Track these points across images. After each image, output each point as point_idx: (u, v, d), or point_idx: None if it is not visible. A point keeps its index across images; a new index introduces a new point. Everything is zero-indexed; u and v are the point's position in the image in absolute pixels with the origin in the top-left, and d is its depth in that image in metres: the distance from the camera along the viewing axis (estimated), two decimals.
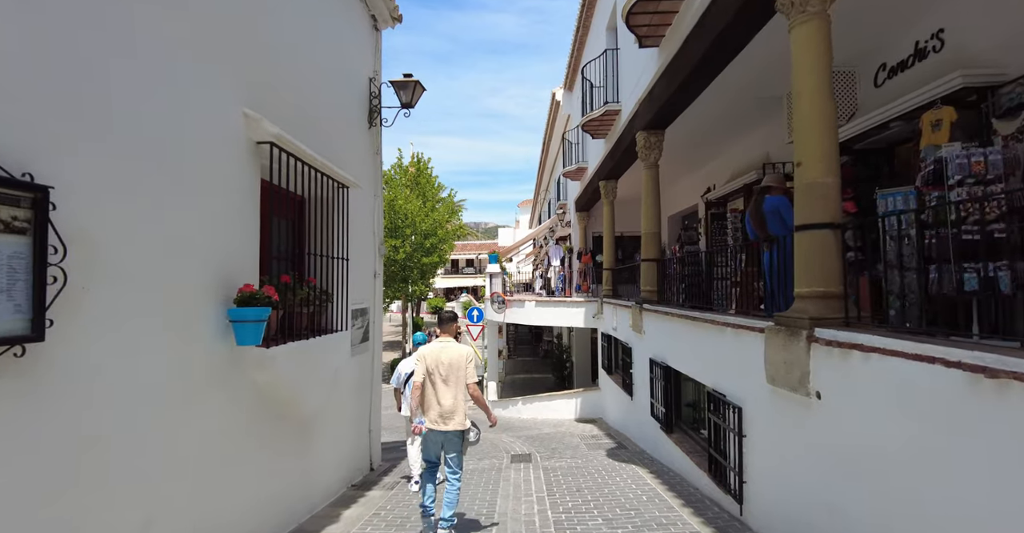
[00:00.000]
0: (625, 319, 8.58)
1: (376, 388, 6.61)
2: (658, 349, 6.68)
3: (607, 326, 10.36)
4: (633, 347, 8.00)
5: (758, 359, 3.78)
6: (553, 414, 11.69)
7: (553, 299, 12.00)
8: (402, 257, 20.17)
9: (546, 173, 23.55)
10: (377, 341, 6.66)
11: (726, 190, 9.47)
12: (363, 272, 6.22)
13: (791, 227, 4.03)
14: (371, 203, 6.53)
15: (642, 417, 7.45)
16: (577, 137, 13.28)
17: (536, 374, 19.97)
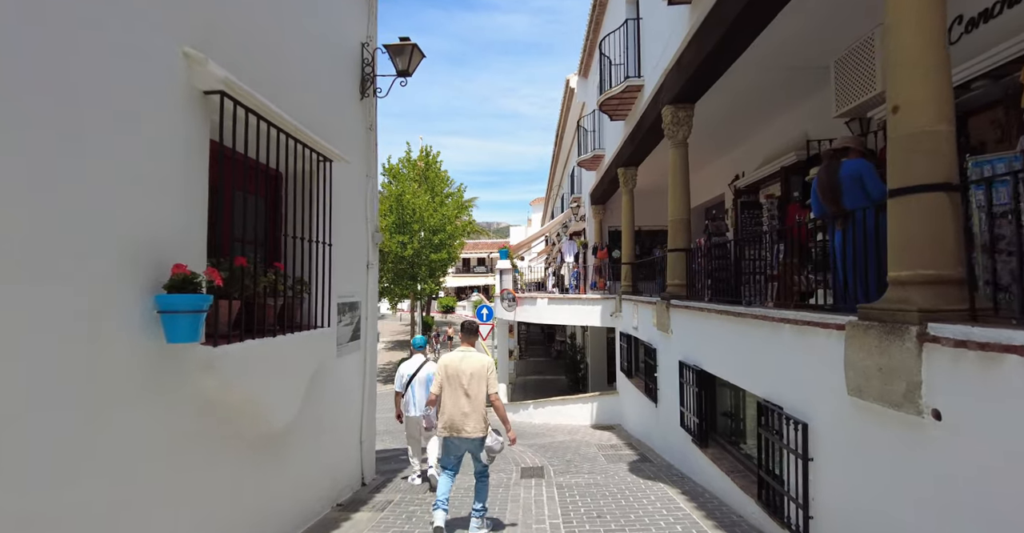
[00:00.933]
0: (648, 317, 7.75)
1: (370, 392, 5.88)
2: (689, 350, 5.86)
3: (626, 325, 9.54)
4: (658, 348, 7.18)
5: (832, 364, 2.96)
6: (567, 419, 10.89)
7: (567, 296, 11.23)
8: (410, 254, 19.50)
9: (559, 167, 22.74)
10: (371, 340, 5.93)
11: (758, 176, 8.63)
12: (353, 261, 5.50)
13: (876, 197, 3.21)
14: (363, 184, 5.80)
15: (669, 427, 6.63)
16: (593, 124, 12.47)
17: (548, 375, 19.19)
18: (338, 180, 4.97)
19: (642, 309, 8.24)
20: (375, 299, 6.15)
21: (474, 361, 4.07)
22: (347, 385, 5.27)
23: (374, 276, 6.09)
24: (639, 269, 10.04)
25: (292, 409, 3.86)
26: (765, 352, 4.00)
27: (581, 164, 12.88)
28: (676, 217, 6.80)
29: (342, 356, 5.09)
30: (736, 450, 5.10)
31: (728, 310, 4.58)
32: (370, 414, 5.93)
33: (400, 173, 20.57)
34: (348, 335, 5.30)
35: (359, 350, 5.59)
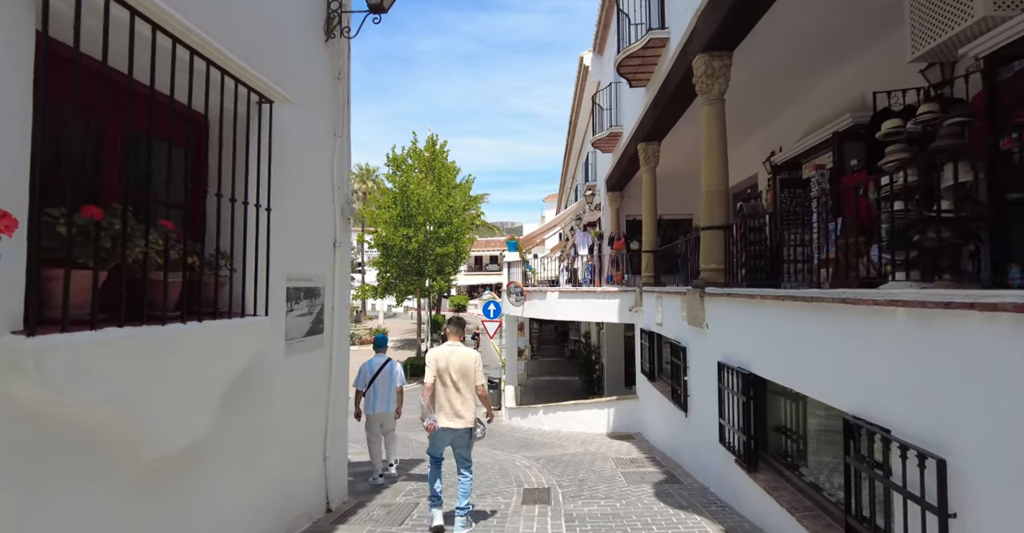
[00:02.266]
0: (675, 310, 6.60)
1: (338, 398, 4.84)
2: (732, 349, 4.70)
3: (648, 321, 8.38)
4: (688, 347, 6.03)
5: (1001, 368, 1.82)
6: (581, 427, 9.75)
7: (580, 289, 10.11)
8: (415, 247, 18.50)
9: (572, 157, 21.57)
10: (340, 334, 4.89)
11: (801, 148, 7.42)
12: (314, 238, 4.47)
13: None
14: (329, 145, 4.77)
15: (704, 442, 5.48)
16: (609, 100, 11.32)
17: (561, 377, 18.07)
18: (295, 137, 3.98)
19: (668, 302, 7.08)
20: (345, 286, 5.10)
21: (463, 355, 4.20)
22: (303, 389, 4.23)
23: (344, 258, 5.04)
24: (663, 258, 8.87)
25: (199, 424, 2.81)
26: (856, 349, 2.84)
27: (596, 144, 11.73)
28: (712, 188, 5.65)
29: (296, 354, 4.06)
30: (797, 477, 3.93)
31: (794, 295, 3.42)
32: (339, 423, 4.90)
33: (405, 163, 19.60)
34: (305, 328, 4.26)
35: (322, 347, 4.55)
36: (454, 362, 4.14)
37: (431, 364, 4.19)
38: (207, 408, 2.88)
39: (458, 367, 4.13)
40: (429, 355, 4.27)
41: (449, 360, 4.15)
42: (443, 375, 4.14)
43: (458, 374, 4.12)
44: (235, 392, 3.11)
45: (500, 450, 7.98)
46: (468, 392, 4.14)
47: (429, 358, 4.25)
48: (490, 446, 8.41)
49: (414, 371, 20.19)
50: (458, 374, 4.12)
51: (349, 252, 5.22)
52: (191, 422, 2.75)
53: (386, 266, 20.20)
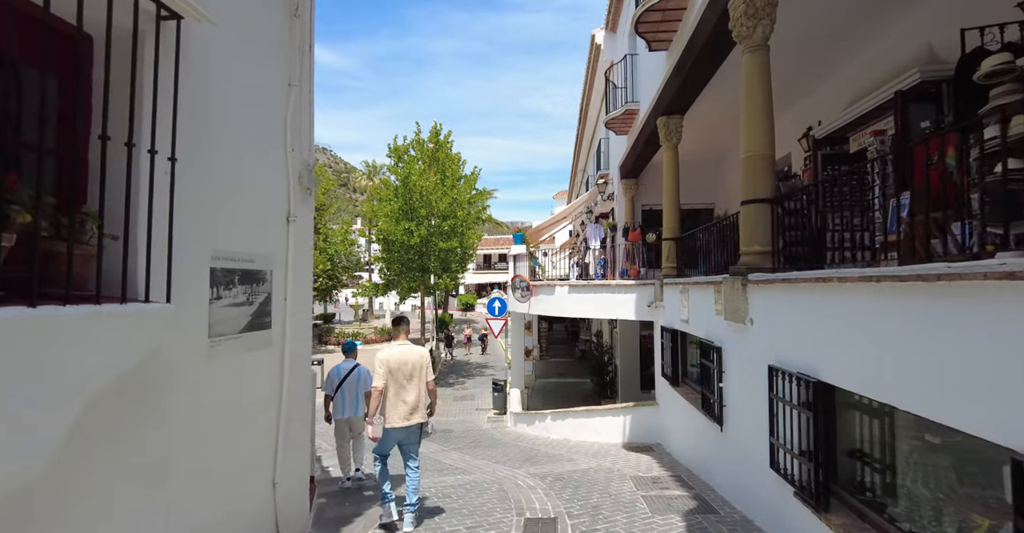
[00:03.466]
0: (705, 304, 5.60)
1: (295, 409, 3.92)
2: (789, 349, 3.69)
3: (671, 318, 7.37)
4: (724, 347, 5.01)
5: None
6: (593, 435, 8.76)
7: (592, 283, 9.12)
8: (417, 241, 17.58)
9: (583, 147, 20.56)
10: (296, 331, 3.96)
11: (851, 115, 6.41)
12: (256, 207, 3.54)
13: None
14: (282, 95, 3.84)
15: (746, 464, 4.47)
16: (624, 76, 10.31)
17: (571, 378, 17.08)
18: (228, 77, 3.09)
19: (697, 295, 6.07)
20: (306, 271, 4.17)
21: (413, 354, 4.27)
22: (239, 399, 3.30)
23: (303, 237, 4.12)
24: (687, 246, 7.84)
25: (33, 456, 1.89)
26: None
27: (610, 125, 10.72)
28: (754, 152, 4.64)
29: (227, 355, 3.13)
30: (889, 523, 2.92)
31: (919, 273, 2.40)
32: (297, 439, 3.97)
33: (407, 154, 18.69)
34: (242, 321, 3.33)
35: (269, 345, 3.62)
36: (405, 361, 4.22)
37: (382, 366, 4.18)
38: (51, 433, 1.94)
39: (411, 366, 4.22)
40: (379, 357, 4.23)
41: (400, 360, 4.21)
42: (395, 374, 4.19)
43: (410, 372, 4.21)
44: (114, 406, 2.20)
45: (502, 463, 7.02)
46: (421, 389, 4.26)
47: (379, 360, 4.21)
48: (491, 458, 7.45)
49: None
50: (410, 372, 4.21)
51: (310, 231, 4.29)
52: (17, 456, 1.82)
53: (388, 262, 19.32)
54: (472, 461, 7.34)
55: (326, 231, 27.89)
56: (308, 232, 4.22)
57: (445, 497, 5.27)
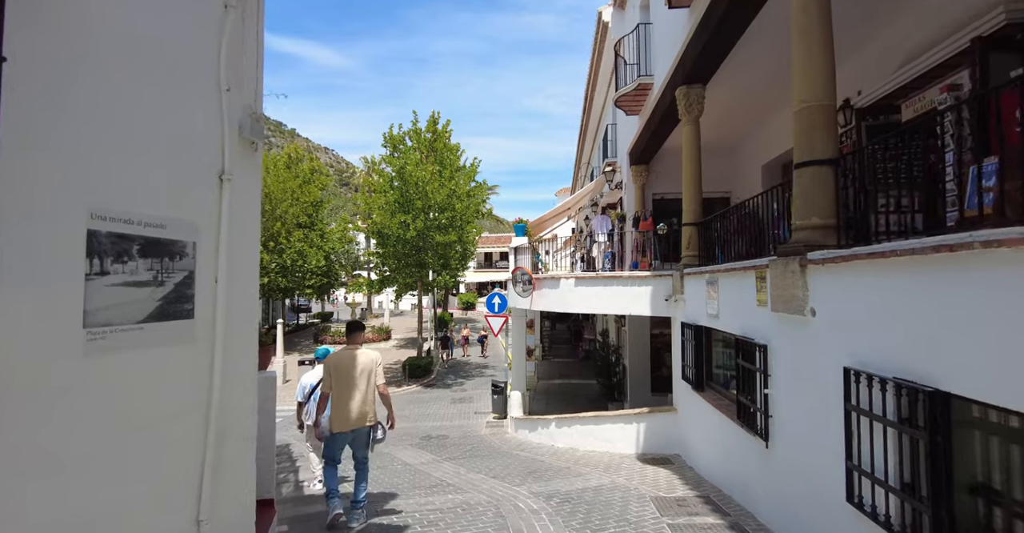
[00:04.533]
0: (742, 295, 4.71)
1: (232, 422, 3.02)
2: (879, 347, 2.78)
3: (694, 312, 6.47)
4: (772, 345, 4.11)
5: None
6: (603, 445, 7.87)
7: (601, 275, 8.23)
8: (413, 235, 16.69)
9: (588, 136, 19.67)
10: (240, 325, 3.06)
11: (906, 76, 5.57)
12: (170, 156, 2.65)
13: None
14: (215, 17, 2.95)
15: (803, 490, 3.57)
16: (636, 49, 9.41)
17: (575, 379, 16.20)
18: None
19: (729, 284, 5.18)
20: (250, 247, 3.28)
21: (362, 357, 4.27)
22: (133, 412, 2.41)
23: (248, 204, 3.22)
24: (710, 230, 6.94)
25: None
26: None
27: (620, 103, 9.82)
28: (811, 102, 3.76)
29: (115, 352, 2.24)
30: None
31: None
32: (232, 462, 3.08)
33: (403, 144, 17.80)
34: (146, 308, 2.44)
35: (191, 341, 2.73)
36: (352, 365, 4.20)
37: (330, 371, 4.19)
38: None
39: (359, 370, 4.20)
40: (327, 361, 4.26)
41: (346, 364, 4.20)
42: (345, 379, 4.17)
43: (360, 376, 4.20)
44: None
45: (501, 479, 6.13)
46: (369, 393, 4.24)
47: (327, 365, 4.23)
48: (488, 472, 6.57)
49: (412, 372, 18.45)
50: (360, 376, 4.20)
51: (256, 197, 3.40)
52: None
53: (382, 256, 18.44)
54: (466, 475, 6.45)
55: (322, 227, 27.02)
56: (253, 198, 3.33)
57: (430, 525, 4.39)
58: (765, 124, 9.28)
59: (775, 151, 9.18)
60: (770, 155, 9.41)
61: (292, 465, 8.03)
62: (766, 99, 8.03)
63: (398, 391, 17.00)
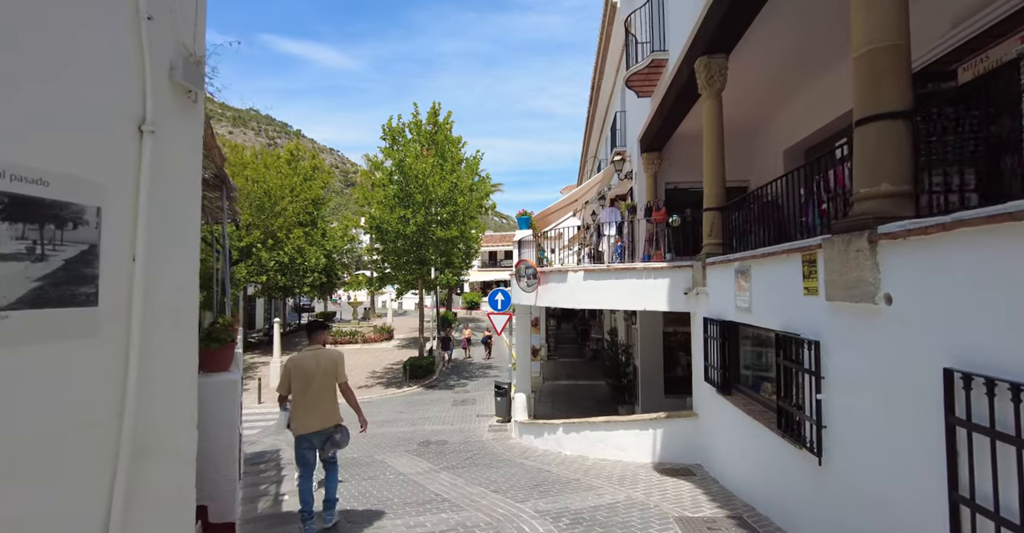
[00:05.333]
0: (783, 283, 4.02)
1: (155, 437, 2.37)
2: (1006, 342, 2.09)
3: (719, 306, 5.78)
4: (826, 341, 3.42)
5: None
6: (615, 453, 7.19)
7: (613, 267, 7.54)
8: (413, 230, 16.05)
9: (595, 127, 18.99)
10: (162, 315, 2.41)
11: (968, 33, 4.91)
12: (57, 93, 2.01)
13: None
14: None
15: (875, 521, 2.88)
16: (649, 22, 8.73)
17: (582, 380, 15.53)
18: None
19: (765, 272, 4.50)
20: (188, 223, 2.64)
21: (323, 358, 4.22)
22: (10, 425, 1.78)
23: (180, 165, 2.58)
24: (734, 215, 6.25)
25: None
26: None
27: (632, 82, 9.13)
28: (880, 42, 3.08)
29: None
30: None
31: None
32: (157, 487, 2.43)
33: (403, 136, 17.16)
34: (18, 289, 1.81)
35: (92, 333, 2.09)
36: (315, 366, 4.16)
37: (288, 372, 4.14)
38: None
39: (321, 371, 4.16)
40: (287, 362, 4.22)
41: (309, 365, 4.15)
42: (303, 381, 4.12)
43: (322, 376, 4.16)
44: None
45: (503, 493, 5.47)
46: (332, 393, 4.21)
47: (286, 366, 4.18)
48: (489, 484, 5.91)
49: (413, 373, 17.81)
50: (322, 376, 4.16)
51: (196, 161, 2.75)
52: None
53: (382, 252, 17.81)
54: (465, 488, 5.79)
55: (324, 225, 26.45)
56: (190, 159, 2.68)
57: None
58: (788, 104, 8.58)
59: (799, 134, 8.47)
60: (793, 139, 8.70)
61: (277, 474, 7.40)
62: (792, 74, 7.34)
63: (398, 392, 16.38)
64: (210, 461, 3.61)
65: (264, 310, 32.53)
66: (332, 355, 4.26)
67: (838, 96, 7.09)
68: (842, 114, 7.03)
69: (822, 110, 7.42)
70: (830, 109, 7.20)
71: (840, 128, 7.18)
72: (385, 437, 10.22)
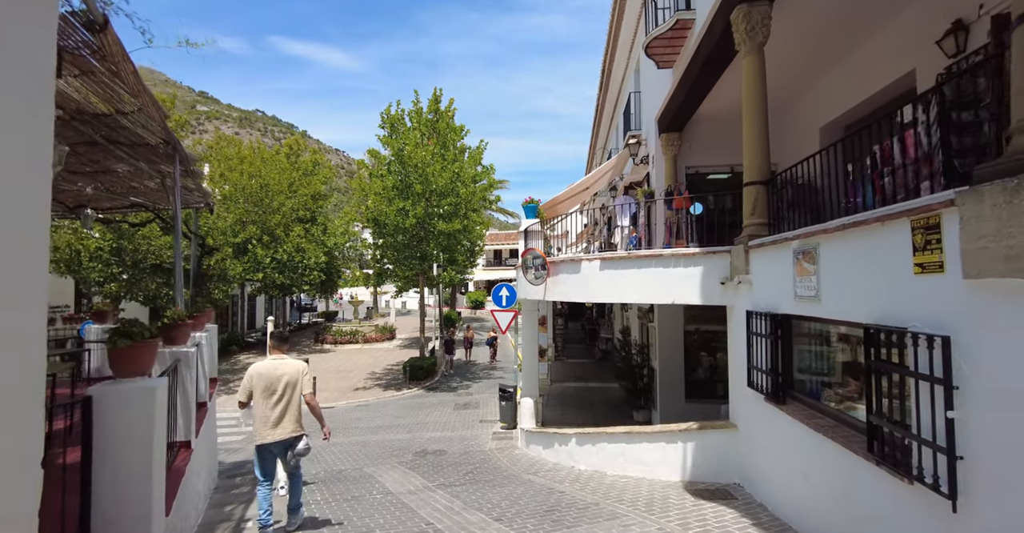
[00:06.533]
0: (881, 261, 3.05)
1: None
2: None
3: (769, 296, 4.80)
4: (962, 337, 2.43)
5: None
6: (637, 468, 6.22)
7: (636, 254, 6.53)
8: (412, 223, 15.12)
9: (605, 116, 18.00)
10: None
11: None
12: None
13: None
14: None
15: None
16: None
17: (593, 383, 14.56)
18: None
19: (845, 248, 3.52)
20: (34, 157, 1.69)
21: (288, 367, 4.24)
22: None
23: (22, 63, 1.61)
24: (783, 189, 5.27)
25: None
26: None
27: (652, 49, 8.16)
28: None
29: None
30: None
31: None
32: None
33: (402, 124, 16.24)
34: None
35: None
36: (279, 375, 4.14)
37: (250, 381, 4.15)
38: None
39: (285, 381, 4.14)
40: (249, 371, 4.20)
41: (273, 374, 4.14)
42: (266, 389, 4.11)
43: (283, 386, 4.13)
44: None
45: (508, 522, 4.53)
46: (295, 403, 4.18)
47: (248, 374, 4.18)
48: (491, 509, 4.97)
49: (413, 374, 16.89)
50: (283, 386, 4.13)
51: (48, 67, 1.81)
52: None
53: (381, 247, 16.91)
54: (462, 515, 4.85)
55: (325, 221, 25.59)
56: (40, 65, 1.75)
57: None
58: (828, 74, 7.57)
59: (841, 107, 7.46)
60: (833, 113, 7.68)
61: (252, 490, 6.48)
62: (836, 35, 6.36)
63: (397, 395, 15.46)
64: (113, 496, 2.71)
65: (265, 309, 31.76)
66: (297, 365, 4.25)
67: (882, 63, 6.13)
68: (896, 79, 6.05)
69: (869, 79, 6.43)
70: (880, 76, 6.21)
71: (898, 93, 6.19)
72: (378, 446, 9.30)
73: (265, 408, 4.09)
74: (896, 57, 6.02)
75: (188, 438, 4.54)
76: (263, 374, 4.13)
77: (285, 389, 4.12)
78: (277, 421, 4.09)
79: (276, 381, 4.11)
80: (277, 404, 4.10)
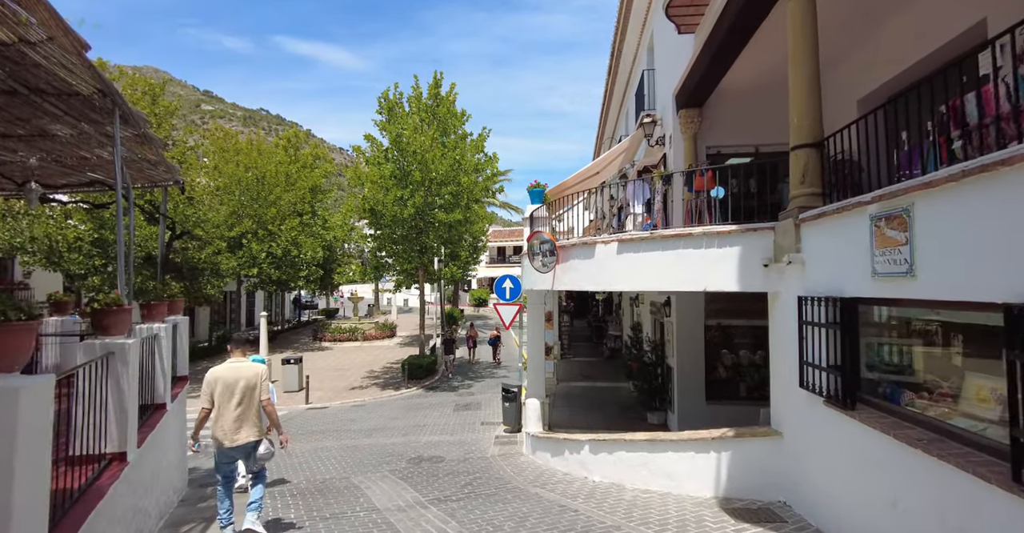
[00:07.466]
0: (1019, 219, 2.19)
1: None
2: None
3: (832, 277, 3.95)
4: None
5: None
6: (662, 482, 5.39)
7: (660, 234, 5.66)
8: (411, 213, 14.30)
9: (614, 102, 17.12)
10: None
11: None
12: None
13: None
14: None
15: None
16: None
17: (601, 382, 13.72)
18: None
19: (950, 206, 2.67)
20: None
21: (246, 370, 4.18)
22: None
23: None
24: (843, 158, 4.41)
25: None
26: None
27: (673, 10, 7.31)
28: None
29: None
30: None
31: None
32: None
33: (400, 108, 15.40)
34: None
35: None
36: (238, 379, 4.10)
37: (209, 385, 4.09)
38: None
39: (243, 384, 4.09)
40: (208, 375, 4.12)
41: (231, 378, 4.09)
42: (225, 394, 4.06)
43: (243, 390, 4.08)
44: None
45: None
46: (252, 407, 4.13)
47: (207, 379, 4.11)
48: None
49: (412, 373, 16.08)
50: (243, 390, 4.08)
51: None
52: None
53: (378, 239, 16.09)
54: None
55: (324, 215, 24.82)
56: None
57: None
58: (874, 32, 6.69)
59: (886, 73, 6.56)
60: (874, 83, 6.78)
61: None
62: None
63: (395, 395, 14.66)
64: None
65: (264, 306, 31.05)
66: (256, 368, 4.20)
67: (951, 13, 5.25)
68: (961, 33, 5.18)
69: (925, 35, 5.55)
70: (938, 32, 5.34)
71: (970, 43, 5.31)
72: (370, 451, 8.49)
73: (223, 413, 4.02)
74: (960, 5, 5.16)
75: (122, 449, 3.74)
76: (221, 378, 4.05)
77: (244, 393, 4.05)
78: (237, 426, 4.02)
79: (234, 385, 4.04)
80: (236, 408, 4.03)
